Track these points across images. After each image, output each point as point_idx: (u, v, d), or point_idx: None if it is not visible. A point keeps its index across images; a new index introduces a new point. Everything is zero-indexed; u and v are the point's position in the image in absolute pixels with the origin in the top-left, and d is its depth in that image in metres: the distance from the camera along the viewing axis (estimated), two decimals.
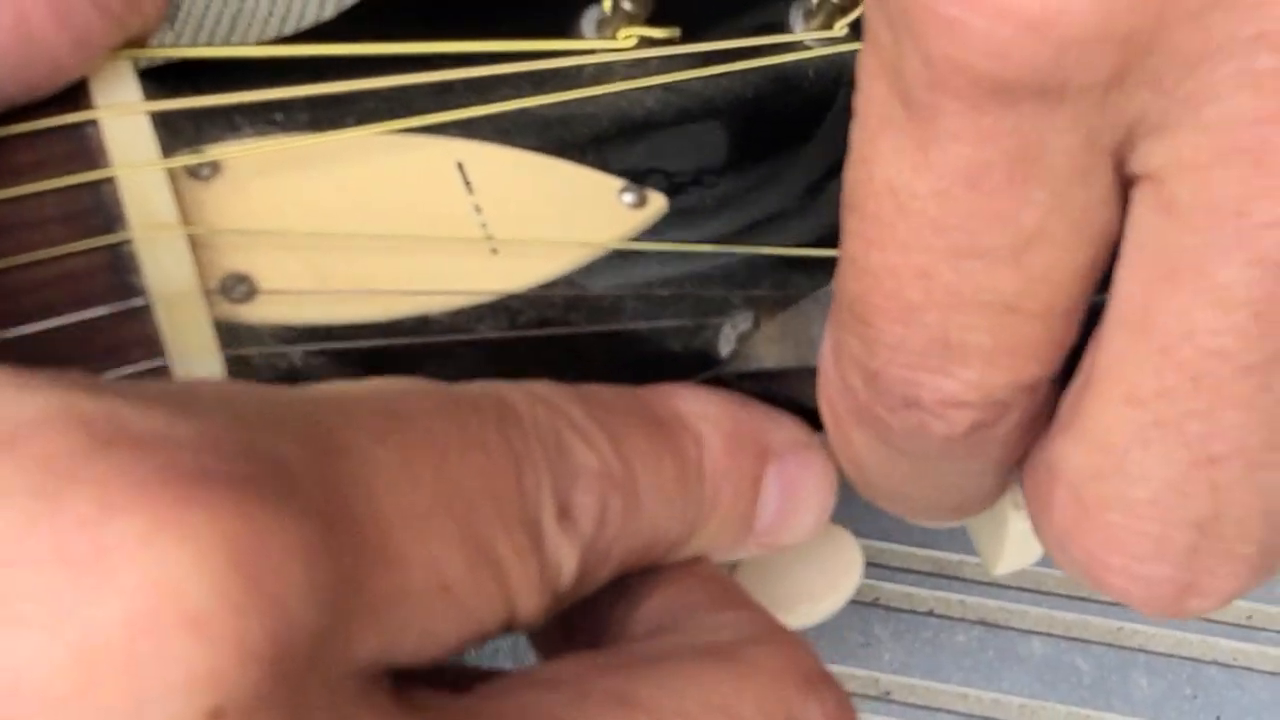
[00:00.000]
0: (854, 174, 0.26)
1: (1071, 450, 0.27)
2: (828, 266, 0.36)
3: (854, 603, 0.50)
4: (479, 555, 0.25)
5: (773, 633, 0.29)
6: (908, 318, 0.26)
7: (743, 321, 0.34)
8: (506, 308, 0.33)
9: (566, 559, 0.27)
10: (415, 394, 0.27)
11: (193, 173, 0.32)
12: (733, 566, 0.34)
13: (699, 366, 0.34)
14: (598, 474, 0.28)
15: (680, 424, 0.30)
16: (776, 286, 0.35)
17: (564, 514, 0.27)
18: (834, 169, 0.38)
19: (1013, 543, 0.37)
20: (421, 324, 0.32)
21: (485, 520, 0.26)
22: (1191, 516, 0.25)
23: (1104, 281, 0.26)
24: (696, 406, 0.31)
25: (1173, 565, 0.26)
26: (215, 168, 0.32)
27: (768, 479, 0.31)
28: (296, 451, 0.23)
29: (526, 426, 0.27)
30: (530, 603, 0.27)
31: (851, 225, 0.26)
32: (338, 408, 0.25)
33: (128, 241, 0.30)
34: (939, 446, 0.27)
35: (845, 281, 0.27)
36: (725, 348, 0.34)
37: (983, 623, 0.50)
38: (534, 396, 0.28)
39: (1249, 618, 0.51)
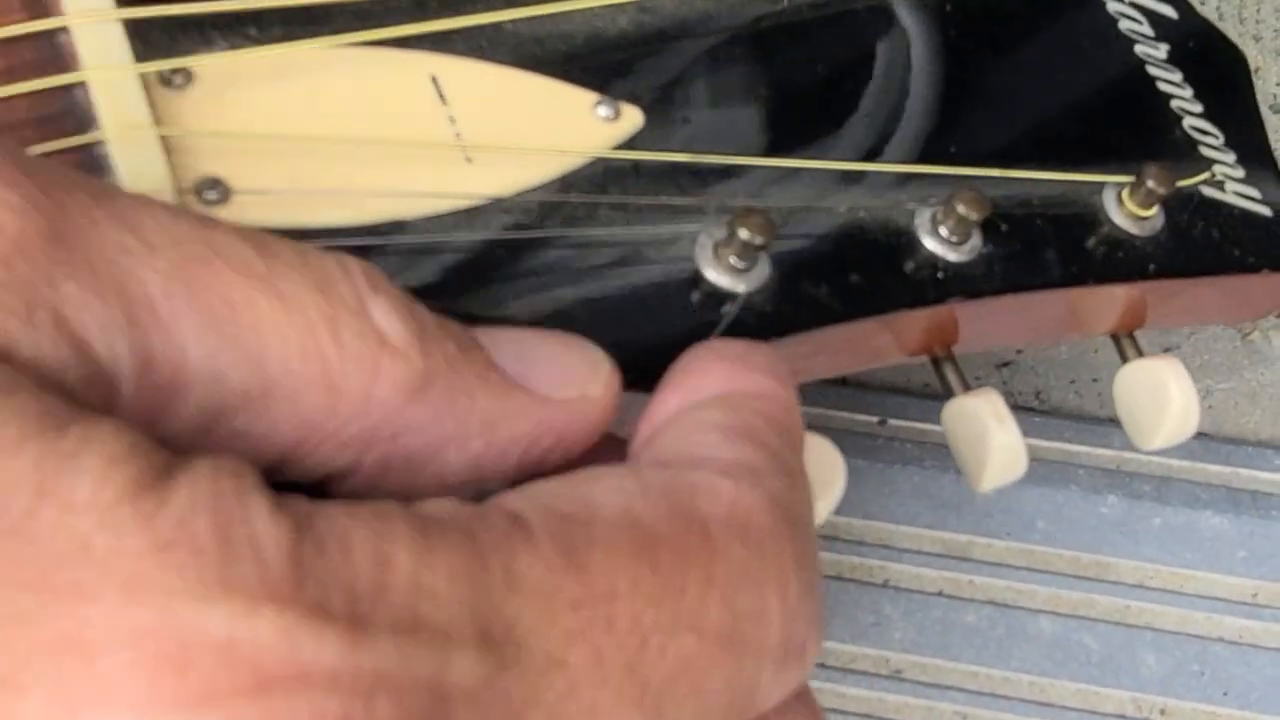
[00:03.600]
0: None
1: None
2: (802, 177, 0.36)
3: (864, 583, 0.49)
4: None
5: None
6: None
7: (717, 230, 0.34)
8: (481, 213, 0.33)
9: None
10: None
11: (166, 81, 0.32)
12: None
13: (673, 272, 0.34)
14: None
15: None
16: (751, 197, 0.35)
17: None
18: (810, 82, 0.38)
19: (995, 456, 0.37)
20: (396, 228, 0.32)
21: None
22: None
23: None
24: None
25: None
26: (189, 76, 0.32)
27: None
28: None
29: None
30: None
31: None
32: None
33: (100, 143, 0.31)
34: None
35: None
36: (701, 256, 0.34)
37: (992, 602, 0.49)
38: None
39: (1255, 595, 0.51)
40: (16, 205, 0.23)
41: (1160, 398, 0.39)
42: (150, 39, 0.32)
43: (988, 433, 0.37)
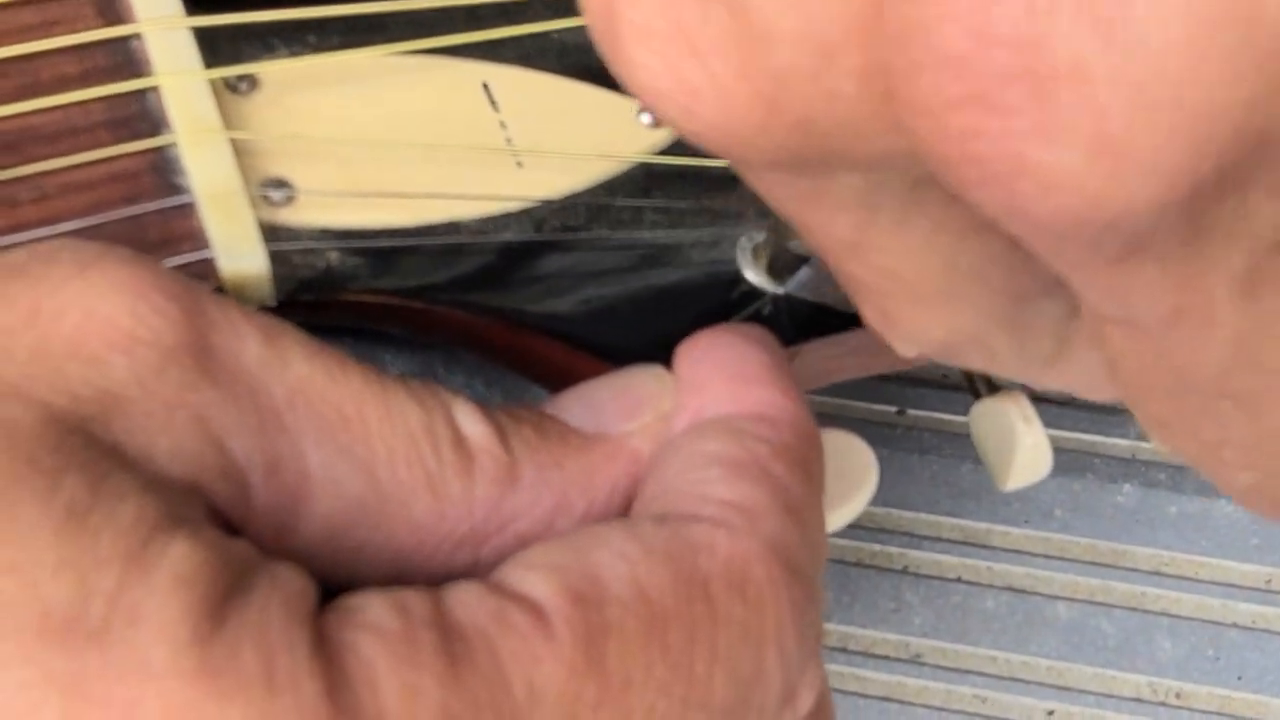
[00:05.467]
0: None
1: None
2: None
3: (884, 569, 0.51)
4: None
5: None
6: None
7: (757, 234, 0.36)
8: (531, 216, 0.35)
9: None
10: None
11: (231, 87, 0.34)
12: None
13: (715, 272, 0.35)
14: None
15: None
16: None
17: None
18: None
19: (1022, 456, 0.38)
20: (451, 229, 0.34)
21: None
22: None
23: None
24: None
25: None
26: (253, 82, 0.34)
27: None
28: None
29: None
30: None
31: None
32: None
33: (172, 145, 0.32)
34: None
35: None
36: (742, 258, 0.35)
37: (1010, 588, 0.51)
38: None
39: (1268, 582, 0.52)
40: (174, 318, 0.25)
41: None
42: (217, 46, 0.34)
43: (1015, 434, 0.38)
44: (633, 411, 0.29)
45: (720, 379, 0.29)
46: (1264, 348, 0.21)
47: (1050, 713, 0.49)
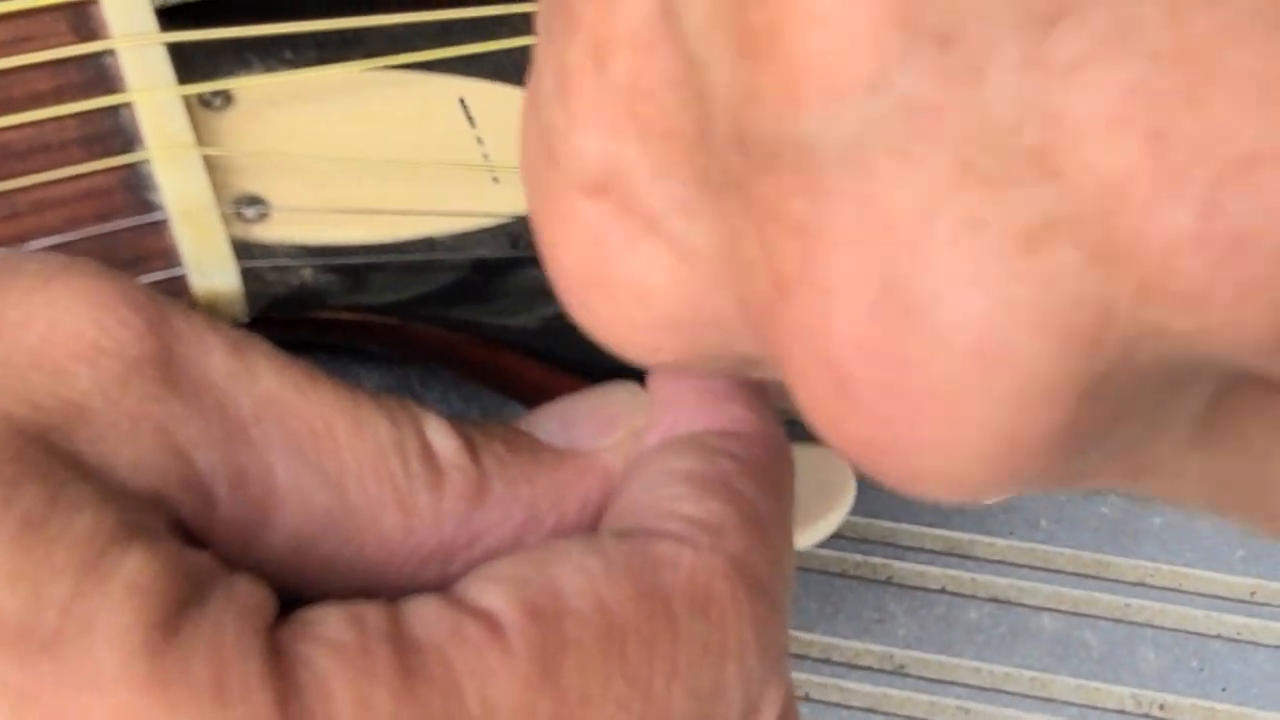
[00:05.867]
0: None
1: None
2: None
3: (868, 580, 0.51)
4: None
5: None
6: None
7: None
8: (508, 231, 0.35)
9: None
10: None
11: (206, 102, 0.34)
12: None
13: None
14: None
15: None
16: None
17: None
18: None
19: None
20: (427, 245, 0.34)
21: None
22: None
23: None
24: None
25: None
26: (227, 98, 0.34)
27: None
28: None
29: None
30: None
31: None
32: None
33: (145, 161, 0.32)
34: None
35: None
36: None
37: (994, 599, 0.51)
38: None
39: (1253, 594, 0.52)
40: (138, 329, 0.25)
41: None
42: (191, 63, 0.34)
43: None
44: (606, 428, 0.29)
45: (691, 395, 0.29)
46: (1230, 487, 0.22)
47: None
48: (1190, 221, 0.16)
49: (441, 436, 0.27)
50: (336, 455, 0.26)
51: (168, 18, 0.34)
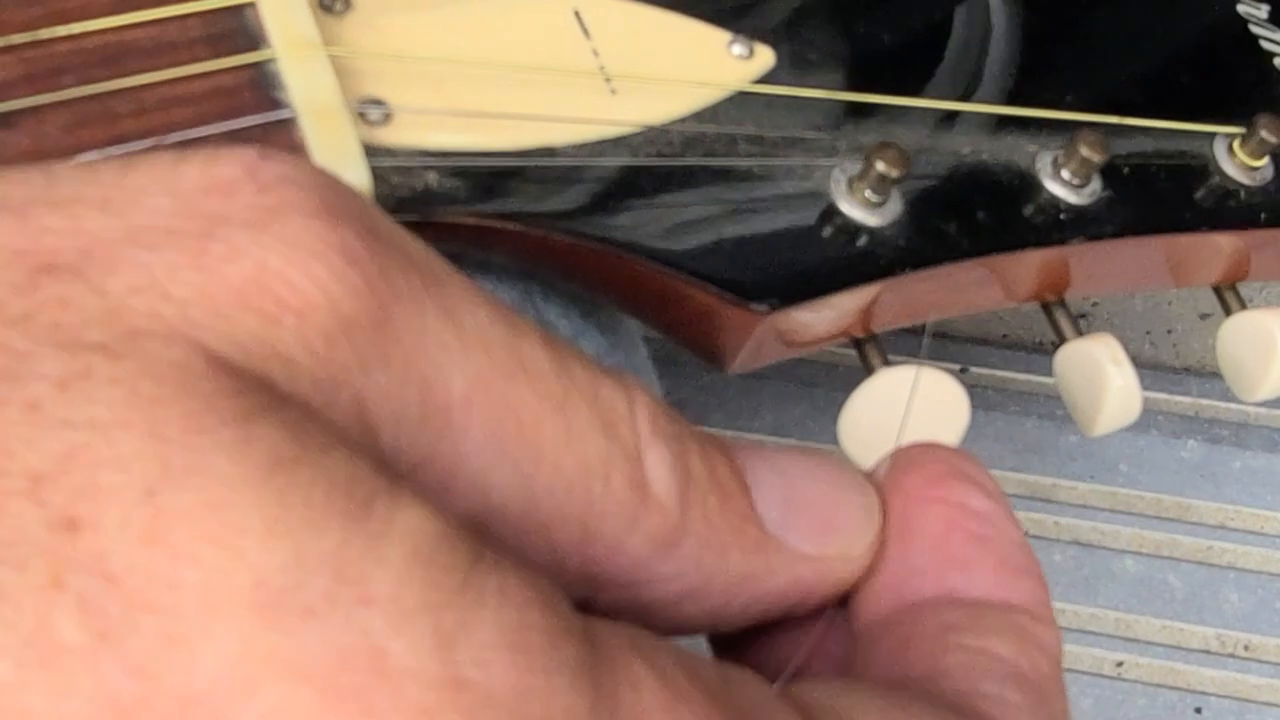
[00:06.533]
0: None
1: None
2: (926, 119, 0.37)
3: None
4: None
5: None
6: None
7: (852, 165, 0.35)
8: (627, 143, 0.34)
9: None
10: None
11: (326, 7, 0.34)
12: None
13: (810, 203, 0.35)
14: None
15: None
16: (880, 134, 0.36)
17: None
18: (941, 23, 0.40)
19: (1111, 400, 0.38)
20: (547, 153, 0.34)
21: None
22: None
23: None
24: None
25: None
26: (347, 3, 0.34)
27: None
28: None
29: None
30: None
31: None
32: None
33: (272, 60, 0.32)
34: None
35: None
36: (836, 190, 0.35)
37: (1076, 542, 0.51)
38: None
39: None
40: (355, 286, 0.22)
41: (1266, 350, 0.40)
42: None
43: (1105, 376, 0.37)
44: (823, 534, 0.26)
45: (986, 556, 0.26)
46: None
47: (1119, 664, 0.49)
48: None
49: (661, 468, 0.24)
50: (536, 461, 0.23)
51: None
